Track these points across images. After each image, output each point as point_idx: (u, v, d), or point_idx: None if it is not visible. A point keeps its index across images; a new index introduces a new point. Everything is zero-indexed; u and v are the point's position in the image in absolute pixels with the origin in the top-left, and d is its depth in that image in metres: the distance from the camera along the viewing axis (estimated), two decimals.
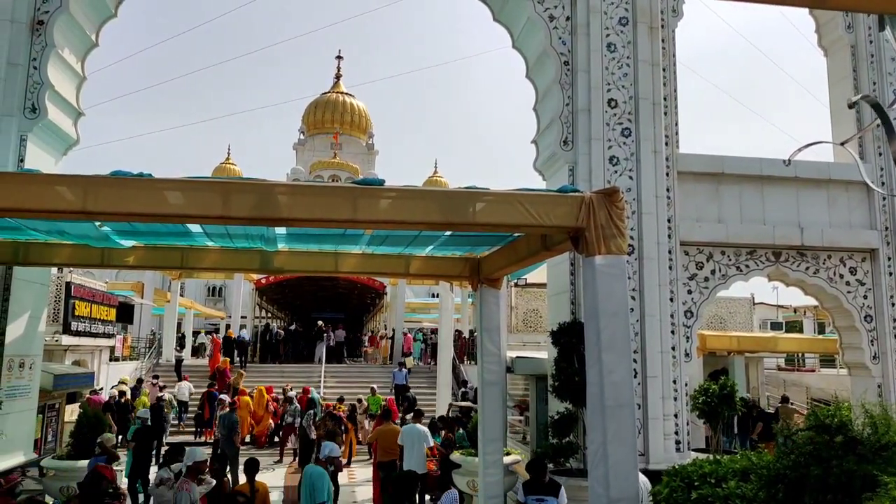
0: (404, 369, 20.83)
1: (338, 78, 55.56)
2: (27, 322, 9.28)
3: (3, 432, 8.54)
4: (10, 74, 9.06)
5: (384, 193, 5.41)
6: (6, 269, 8.86)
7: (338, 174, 48.87)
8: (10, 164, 8.90)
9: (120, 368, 19.33)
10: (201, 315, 36.36)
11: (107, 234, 6.96)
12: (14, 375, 8.91)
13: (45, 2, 9.34)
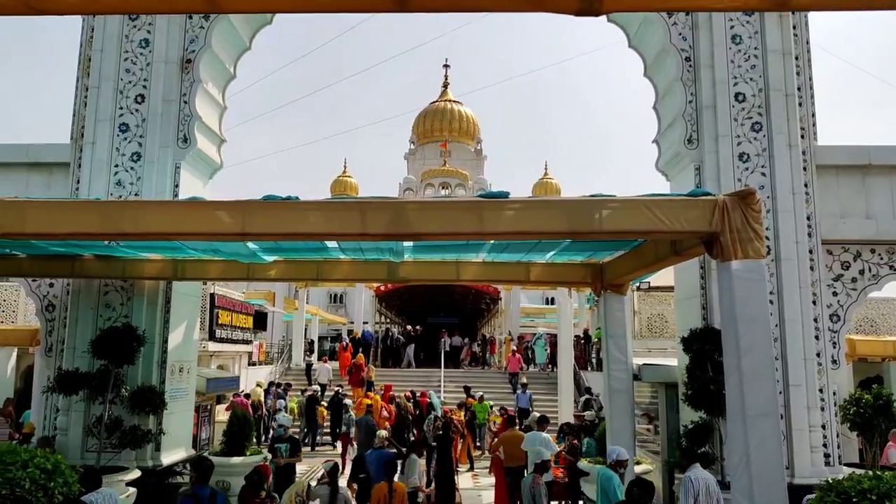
0: (527, 391, 19.31)
1: (445, 86, 56.62)
2: (184, 331, 10.34)
3: (167, 430, 9.57)
4: (166, 109, 10.16)
5: (509, 205, 5.59)
6: (167, 284, 9.92)
7: (448, 181, 49.78)
8: (168, 190, 9.97)
9: (257, 373, 20.87)
10: (325, 321, 38.33)
11: (254, 251, 7.66)
12: (175, 379, 9.95)
13: (191, 42, 10.38)
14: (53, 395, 9.45)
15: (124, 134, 10.18)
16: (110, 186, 10.04)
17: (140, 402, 9.06)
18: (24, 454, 5.32)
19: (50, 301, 10.32)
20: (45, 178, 10.72)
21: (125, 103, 10.27)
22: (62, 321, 10.09)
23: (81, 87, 10.64)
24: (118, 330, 9.13)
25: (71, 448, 9.19)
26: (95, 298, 9.82)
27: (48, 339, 10.21)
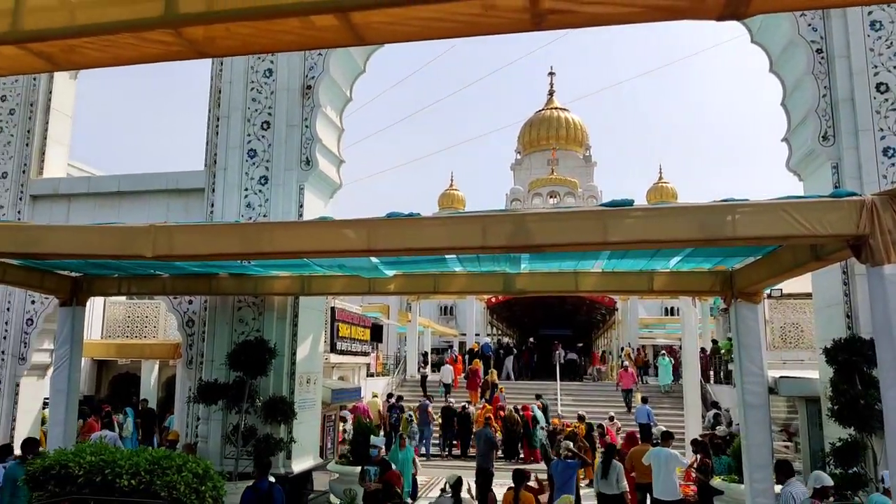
0: (647, 405, 18.31)
1: (551, 94, 56.23)
2: (310, 344, 10.90)
3: (297, 439, 10.09)
4: (289, 135, 10.82)
5: (633, 213, 5.48)
6: (294, 299, 10.51)
7: (556, 190, 49.23)
8: (293, 210, 10.59)
9: (375, 383, 21.56)
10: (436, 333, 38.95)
11: (377, 265, 7.96)
12: (303, 390, 10.49)
13: (310, 69, 11.00)
14: (194, 404, 10.25)
15: (252, 159, 10.93)
16: (241, 208, 10.81)
17: (272, 412, 9.63)
18: (178, 459, 5.82)
19: (190, 317, 11.22)
20: (184, 202, 11.71)
21: (252, 130, 11.04)
22: (201, 335, 10.95)
23: (213, 117, 11.55)
24: (251, 343, 9.77)
25: (211, 455, 9.90)
26: (230, 314, 10.58)
27: (189, 352, 11.10)
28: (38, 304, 12.18)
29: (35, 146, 12.62)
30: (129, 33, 2.44)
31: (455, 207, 47.72)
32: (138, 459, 5.43)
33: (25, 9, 2.66)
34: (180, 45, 2.52)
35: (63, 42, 2.64)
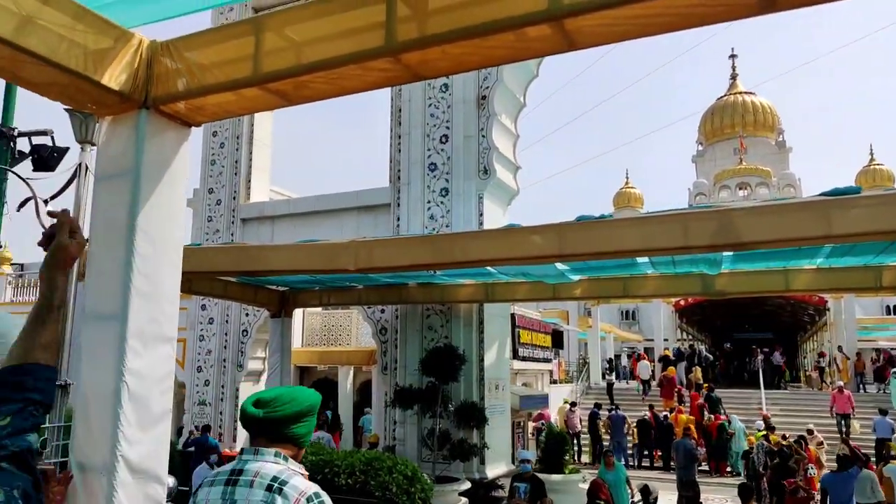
0: (885, 417, 15.91)
1: (734, 78, 52.29)
2: (497, 350, 11.12)
3: (489, 445, 10.32)
4: (467, 146, 11.16)
5: (862, 202, 4.92)
6: (479, 306, 10.80)
7: (746, 181, 45.58)
8: (473, 219, 10.90)
9: (559, 391, 21.41)
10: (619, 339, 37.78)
11: (563, 271, 7.93)
12: (492, 396, 10.72)
13: (484, 79, 11.27)
14: (391, 408, 10.89)
15: (433, 172, 11.42)
16: (424, 220, 11.33)
17: (464, 417, 9.95)
18: (388, 461, 6.24)
19: (382, 325, 11.96)
20: (373, 218, 12.53)
21: (432, 145, 11.54)
22: (393, 342, 11.63)
23: (395, 135, 12.26)
24: (441, 350, 10.19)
25: (409, 457, 10.43)
26: (420, 322, 11.12)
27: (383, 358, 11.83)
28: (252, 316, 13.70)
29: (242, 174, 14.24)
30: (355, 64, 2.67)
31: (632, 206, 46.01)
32: (353, 460, 5.88)
33: (263, 52, 3.03)
34: (398, 71, 2.71)
35: (295, 79, 2.96)
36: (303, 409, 2.11)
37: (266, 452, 2.03)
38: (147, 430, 3.35)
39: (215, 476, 2.10)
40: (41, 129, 6.68)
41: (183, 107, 3.47)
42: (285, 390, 2.18)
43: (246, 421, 2.10)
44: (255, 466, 2.00)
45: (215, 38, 3.27)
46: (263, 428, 2.07)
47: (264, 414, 2.05)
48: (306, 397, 2.15)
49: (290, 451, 2.08)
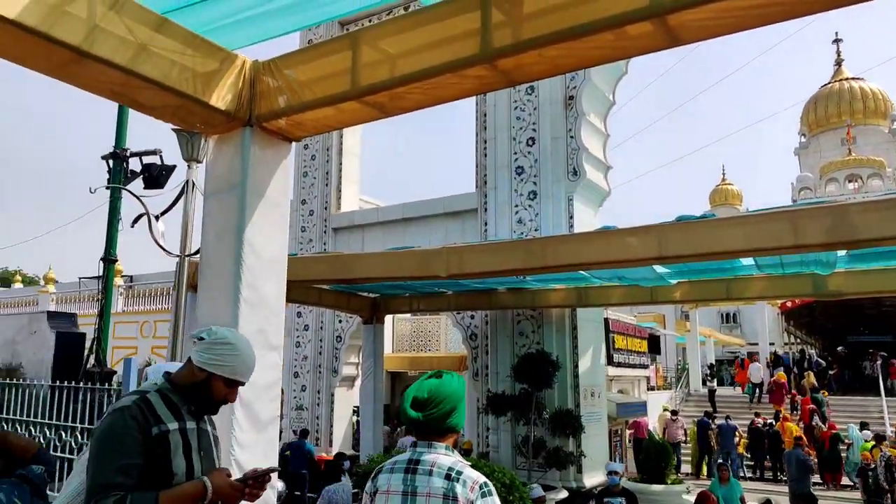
0: None
1: (838, 64, 49.06)
2: (591, 356, 10.91)
3: (587, 453, 10.13)
4: (555, 147, 11.04)
5: None
6: (571, 311, 10.64)
7: (856, 172, 42.59)
8: (563, 222, 10.75)
9: (657, 398, 20.73)
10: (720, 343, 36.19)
11: (661, 274, 7.68)
12: (588, 403, 10.52)
13: (572, 79, 11.12)
14: (484, 415, 10.89)
15: (520, 176, 11.37)
16: (513, 225, 11.29)
17: (559, 425, 9.81)
18: (485, 468, 6.24)
19: (472, 331, 12.00)
20: (460, 224, 12.61)
21: (518, 148, 11.49)
22: (484, 348, 11.63)
23: (480, 140, 12.30)
24: (533, 356, 10.10)
25: (503, 464, 10.40)
26: (510, 327, 11.08)
27: (474, 364, 11.86)
28: (345, 322, 14.08)
29: (333, 185, 14.69)
30: (451, 73, 2.71)
31: (730, 203, 44.04)
32: None
33: (360, 66, 3.12)
34: (493, 77, 2.72)
35: (391, 91, 3.03)
36: (455, 404, 2.35)
37: (438, 446, 2.30)
38: (257, 434, 3.52)
39: (393, 464, 2.36)
40: (151, 150, 7.16)
41: (284, 123, 3.62)
42: (434, 387, 2.37)
43: (408, 421, 2.37)
44: (431, 458, 2.28)
45: (314, 55, 3.39)
46: (427, 426, 2.32)
47: (424, 417, 2.31)
48: (454, 391, 2.37)
49: (453, 439, 2.37)
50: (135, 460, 2.02)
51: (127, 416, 2.07)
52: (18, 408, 6.33)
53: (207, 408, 2.30)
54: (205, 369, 2.23)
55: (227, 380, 2.25)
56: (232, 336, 2.31)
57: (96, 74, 3.22)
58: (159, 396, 2.20)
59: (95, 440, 2.09)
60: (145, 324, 20.29)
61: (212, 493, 2.09)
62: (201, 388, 2.24)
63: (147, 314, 20.44)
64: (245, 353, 2.29)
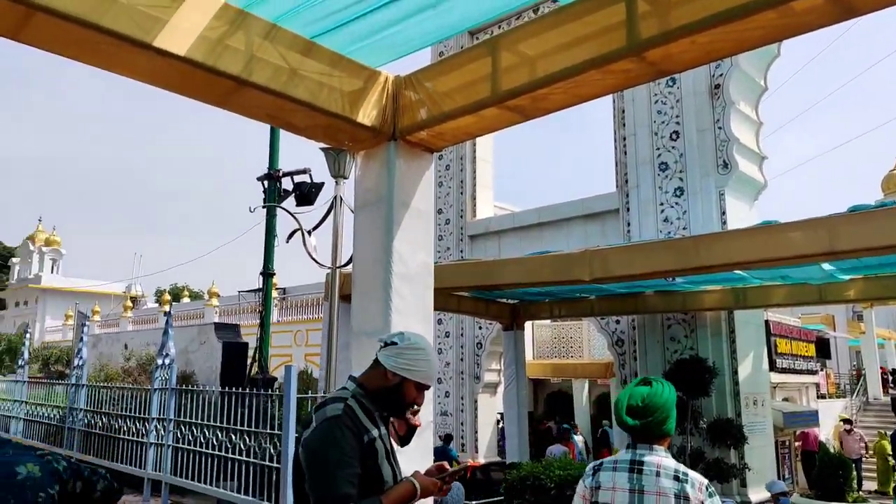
0: None
1: None
2: (752, 361, 10.20)
3: (751, 466, 9.46)
4: (701, 140, 10.48)
5: None
6: (728, 314, 10.00)
7: None
8: (714, 219, 10.16)
9: (829, 406, 18.96)
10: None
11: (830, 272, 7.03)
12: (750, 412, 9.83)
13: (717, 67, 10.50)
14: None
15: (664, 172, 10.89)
16: (658, 224, 10.83)
17: (719, 435, 9.25)
18: None
19: (618, 336, 11.63)
20: (600, 225, 12.30)
21: (661, 143, 11.02)
22: (631, 355, 11.24)
23: (619, 137, 11.94)
24: (687, 362, 9.60)
25: None
26: (660, 332, 10.61)
27: (622, 371, 11.48)
28: (485, 329, 14.20)
29: (467, 192, 14.90)
30: (595, 70, 2.64)
31: None
32: None
33: (500, 71, 3.13)
34: (641, 70, 2.62)
35: (532, 94, 3.00)
36: (669, 412, 2.54)
37: (658, 449, 2.50)
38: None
39: (614, 463, 2.55)
40: (301, 169, 7.65)
41: (425, 134, 3.72)
42: (647, 395, 2.56)
43: (624, 427, 2.55)
44: (655, 460, 2.47)
45: (453, 66, 3.45)
46: (644, 433, 2.51)
47: (641, 424, 2.50)
48: (667, 399, 2.55)
49: (667, 442, 2.56)
50: (356, 469, 2.07)
51: (342, 426, 2.12)
52: (194, 411, 6.97)
53: (397, 412, 2.36)
54: (398, 374, 2.27)
55: (418, 384, 2.31)
56: (422, 342, 2.36)
57: (254, 101, 3.48)
58: (356, 402, 2.24)
59: (316, 451, 2.12)
60: (298, 333, 21.65)
61: (420, 491, 2.17)
62: (394, 393, 2.29)
63: (299, 323, 21.80)
64: (433, 358, 2.36)
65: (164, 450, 7.07)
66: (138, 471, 7.49)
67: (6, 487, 2.21)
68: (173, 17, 3.04)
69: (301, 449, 2.20)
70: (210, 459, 6.46)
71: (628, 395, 2.58)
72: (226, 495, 5.99)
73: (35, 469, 2.28)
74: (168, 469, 6.95)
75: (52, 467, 2.34)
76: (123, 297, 38.00)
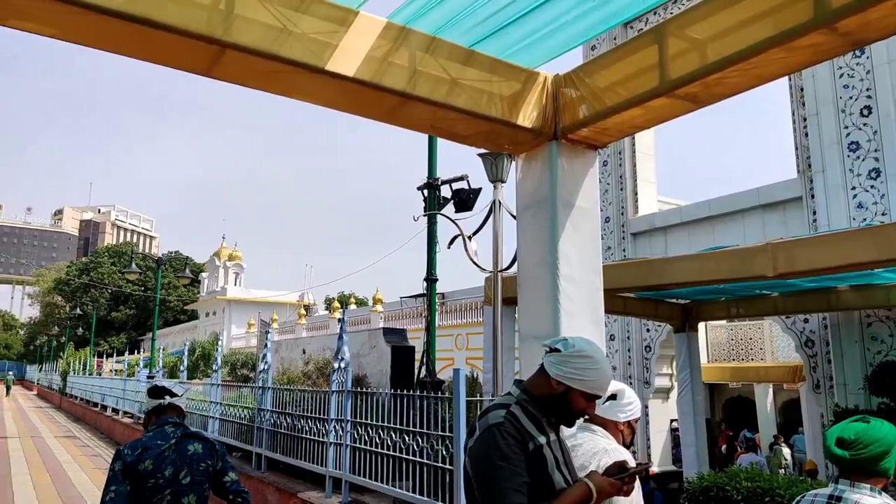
0: None
1: None
2: None
3: None
4: None
5: None
6: None
7: None
8: None
9: None
10: None
11: None
12: None
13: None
14: None
15: (855, 153, 9.87)
16: (850, 211, 9.83)
17: None
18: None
19: (808, 337, 10.67)
20: (780, 215, 11.38)
21: (850, 121, 10.00)
22: (824, 356, 10.26)
23: (798, 118, 10.98)
24: (894, 364, 8.60)
25: None
26: (858, 331, 9.60)
27: (813, 375, 10.52)
28: (653, 331, 13.65)
29: (628, 189, 14.43)
30: (777, 48, 2.46)
31: None
32: (796, 490, 5.31)
33: (667, 59, 3.02)
34: (832, 43, 2.40)
35: (704, 80, 2.86)
36: (887, 448, 2.37)
37: (862, 487, 2.37)
38: None
39: (814, 496, 2.50)
40: (459, 176, 7.85)
41: (588, 131, 3.67)
42: (863, 430, 2.41)
43: (832, 459, 2.46)
44: (855, 497, 2.35)
45: (615, 58, 3.37)
46: (852, 467, 2.39)
47: (851, 456, 2.38)
48: (885, 435, 2.40)
49: (882, 483, 2.40)
50: (525, 478, 2.02)
51: (505, 434, 2.07)
52: (368, 413, 7.37)
53: (566, 420, 2.26)
54: (563, 383, 2.18)
55: (587, 394, 2.19)
56: (590, 348, 2.23)
57: (418, 113, 3.63)
58: (521, 409, 2.17)
59: (481, 461, 2.09)
60: (458, 336, 22.19)
61: (595, 493, 2.08)
62: (560, 402, 2.20)
63: (459, 328, 22.33)
64: (604, 366, 2.22)
65: (343, 449, 7.54)
66: (320, 468, 8.05)
67: (183, 459, 3.49)
68: (342, 41, 3.26)
69: (466, 458, 2.19)
70: (385, 459, 6.79)
71: (841, 428, 2.47)
72: (402, 495, 6.27)
73: (198, 447, 3.59)
74: (347, 468, 7.41)
75: (210, 444, 3.68)
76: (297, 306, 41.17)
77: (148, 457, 3.40)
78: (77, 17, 2.77)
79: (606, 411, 2.60)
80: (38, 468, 14.39)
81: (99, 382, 28.27)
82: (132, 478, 3.35)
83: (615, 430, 2.60)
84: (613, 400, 2.63)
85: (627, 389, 2.68)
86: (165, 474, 3.40)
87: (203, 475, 3.53)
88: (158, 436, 3.53)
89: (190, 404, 13.84)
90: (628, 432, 2.64)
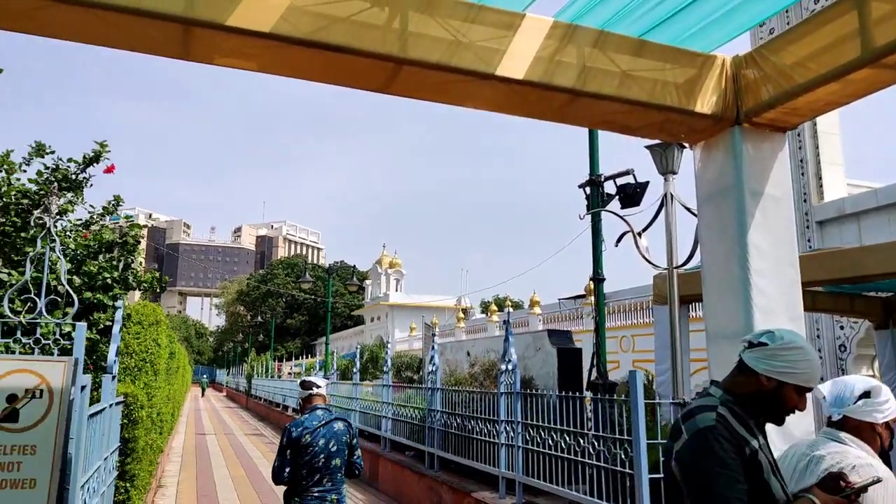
0: None
1: None
2: None
3: None
4: None
5: None
6: None
7: None
8: None
9: None
10: None
11: None
12: None
13: None
14: None
15: None
16: None
17: None
18: None
19: None
20: None
21: None
22: None
23: None
24: None
25: None
26: None
27: None
28: (847, 328, 12.43)
29: (810, 173, 13.27)
30: None
31: None
32: None
33: (870, 26, 2.77)
34: None
35: None
36: None
37: None
38: None
39: None
40: (623, 171, 7.66)
41: (775, 113, 3.46)
42: None
43: None
44: None
45: (805, 31, 3.16)
46: None
47: None
48: None
49: None
50: (744, 485, 1.96)
51: (720, 438, 2.01)
52: (538, 415, 7.40)
53: (777, 418, 2.18)
54: (774, 378, 2.11)
55: (799, 387, 2.11)
56: (799, 339, 2.16)
57: (589, 109, 3.62)
58: (727, 410, 2.11)
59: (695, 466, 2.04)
60: (623, 338, 21.56)
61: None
62: (771, 399, 2.13)
63: (624, 329, 21.69)
64: (814, 357, 2.15)
65: (515, 450, 7.62)
66: (493, 469, 8.19)
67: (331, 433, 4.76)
68: (510, 45, 3.34)
69: (675, 463, 2.13)
70: (558, 462, 6.78)
71: None
72: (579, 498, 6.21)
73: (341, 426, 4.88)
74: (521, 469, 7.47)
75: (348, 424, 4.96)
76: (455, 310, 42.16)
77: (307, 431, 4.72)
78: (273, 51, 3.08)
79: (861, 412, 2.37)
80: (233, 462, 15.93)
81: (280, 385, 30.72)
82: (294, 447, 4.69)
83: (871, 434, 2.36)
84: (867, 398, 2.38)
85: (883, 386, 2.43)
86: (320, 444, 4.70)
87: (344, 445, 4.84)
88: (313, 418, 4.82)
89: (363, 404, 14.70)
90: (887, 434, 2.38)
